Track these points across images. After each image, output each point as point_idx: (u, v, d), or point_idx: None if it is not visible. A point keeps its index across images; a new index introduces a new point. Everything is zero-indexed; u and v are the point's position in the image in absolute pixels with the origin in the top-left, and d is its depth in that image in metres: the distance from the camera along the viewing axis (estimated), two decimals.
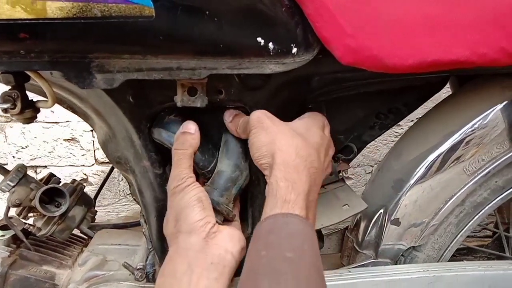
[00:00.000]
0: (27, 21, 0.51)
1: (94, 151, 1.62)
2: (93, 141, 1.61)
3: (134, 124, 0.66)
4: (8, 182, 0.70)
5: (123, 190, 1.65)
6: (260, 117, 0.62)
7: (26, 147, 1.59)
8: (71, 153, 1.62)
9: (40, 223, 0.72)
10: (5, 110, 0.60)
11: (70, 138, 1.59)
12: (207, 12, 0.53)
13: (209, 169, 0.67)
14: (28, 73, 0.59)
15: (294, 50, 0.57)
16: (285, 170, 0.56)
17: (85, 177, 1.62)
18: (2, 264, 0.73)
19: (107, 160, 1.60)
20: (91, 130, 1.59)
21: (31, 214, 0.74)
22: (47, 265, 0.75)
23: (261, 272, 0.50)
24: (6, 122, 1.56)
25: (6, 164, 1.60)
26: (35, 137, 1.58)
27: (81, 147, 1.61)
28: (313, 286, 0.50)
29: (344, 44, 0.56)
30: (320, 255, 0.54)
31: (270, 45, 0.56)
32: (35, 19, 0.51)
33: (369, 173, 1.68)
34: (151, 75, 0.57)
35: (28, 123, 0.64)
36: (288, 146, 0.58)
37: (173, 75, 0.58)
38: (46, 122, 1.56)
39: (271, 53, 0.57)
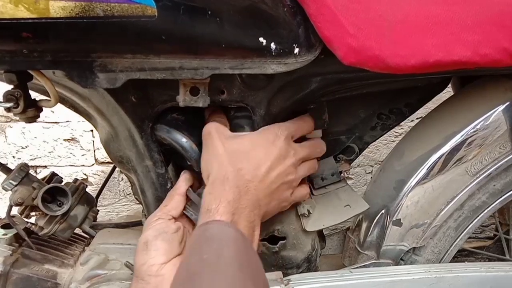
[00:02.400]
0: (30, 21, 0.51)
1: (94, 151, 1.62)
2: (93, 141, 1.61)
3: (137, 124, 0.66)
4: (11, 181, 0.71)
5: (123, 190, 1.65)
6: (209, 131, 0.65)
7: (26, 147, 1.59)
8: (71, 153, 1.62)
9: (42, 222, 0.72)
10: (8, 109, 0.61)
11: (70, 138, 1.59)
12: (209, 12, 0.54)
13: None
14: (31, 72, 0.60)
15: (296, 50, 0.58)
16: (212, 185, 0.60)
17: (85, 177, 1.62)
18: (5, 263, 0.72)
19: (107, 160, 1.61)
20: (91, 130, 1.59)
21: (33, 213, 0.74)
22: (49, 264, 0.75)
23: (179, 278, 0.51)
24: (6, 122, 1.56)
25: (6, 164, 1.59)
26: (35, 137, 1.58)
27: (81, 147, 1.61)
28: (233, 284, 0.48)
29: (346, 44, 0.56)
30: (252, 254, 0.55)
31: (272, 45, 0.56)
32: (38, 18, 0.51)
33: (369, 173, 1.67)
34: (153, 75, 0.57)
35: (30, 122, 0.64)
36: (219, 164, 0.62)
37: (175, 75, 0.58)
38: (46, 122, 1.56)
39: (273, 53, 0.57)
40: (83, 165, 1.63)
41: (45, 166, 1.62)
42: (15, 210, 0.76)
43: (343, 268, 0.84)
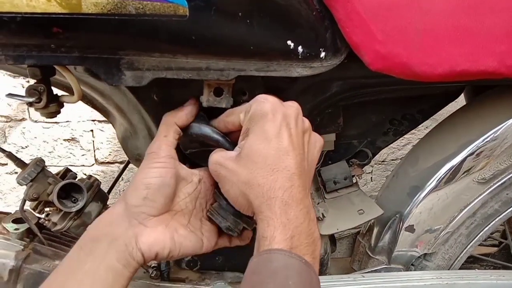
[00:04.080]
0: (61, 16, 0.51)
1: (94, 151, 1.61)
2: (93, 141, 1.60)
3: (157, 123, 0.65)
4: (26, 175, 0.70)
5: (123, 190, 1.64)
6: (216, 168, 0.60)
7: (26, 147, 1.58)
8: (71, 153, 1.61)
9: (56, 218, 0.71)
10: (30, 104, 0.60)
11: (70, 138, 1.59)
12: (240, 14, 0.54)
13: None
14: (56, 67, 0.59)
15: (323, 54, 0.58)
16: (259, 210, 0.55)
17: (85, 177, 1.61)
18: (16, 258, 0.72)
19: (107, 160, 1.60)
20: (91, 130, 1.59)
21: (47, 209, 0.73)
22: (60, 260, 0.74)
23: None
24: (6, 122, 1.55)
25: (7, 164, 1.59)
26: (35, 137, 1.57)
27: (81, 147, 1.60)
28: None
29: (374, 50, 0.56)
30: (315, 284, 0.52)
31: (300, 48, 0.57)
32: (70, 14, 0.51)
33: (369, 173, 1.69)
34: (180, 75, 0.57)
35: (51, 117, 0.64)
36: (249, 187, 0.56)
37: (201, 75, 0.58)
38: (46, 122, 1.55)
39: (300, 57, 0.57)
40: (83, 165, 1.63)
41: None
42: (26, 205, 0.75)
43: (352, 271, 0.84)
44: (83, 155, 1.61)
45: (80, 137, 1.59)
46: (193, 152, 0.66)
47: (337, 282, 0.73)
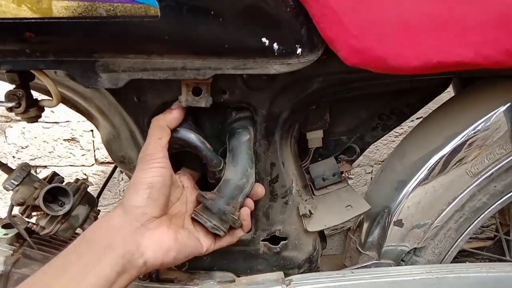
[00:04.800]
0: (33, 20, 0.51)
1: (94, 151, 1.62)
2: (93, 141, 1.61)
3: (138, 124, 0.66)
4: (12, 180, 0.70)
5: (123, 190, 1.65)
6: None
7: (26, 147, 1.59)
8: (71, 153, 1.62)
9: (44, 222, 0.72)
10: (10, 109, 0.61)
11: (70, 138, 1.60)
12: (212, 12, 0.54)
13: (220, 168, 0.67)
14: (33, 72, 0.60)
15: (299, 50, 0.58)
16: None
17: (85, 177, 1.62)
18: (5, 263, 0.72)
19: (107, 160, 1.61)
20: (91, 130, 1.59)
21: (34, 213, 0.74)
22: None
23: None
24: (6, 122, 1.56)
25: (6, 164, 1.59)
26: (35, 137, 1.59)
27: (81, 147, 1.61)
28: None
29: (349, 45, 0.56)
30: None
31: (275, 45, 0.56)
32: (41, 18, 0.51)
33: (369, 173, 1.68)
34: (156, 75, 0.57)
35: (32, 122, 0.64)
36: None
37: (178, 75, 0.58)
38: (46, 122, 1.56)
39: (276, 54, 0.57)
40: (83, 165, 1.63)
41: (45, 166, 1.62)
42: (16, 210, 0.75)
43: (344, 268, 0.84)
44: (83, 155, 1.62)
45: (80, 137, 1.60)
46: (174, 152, 0.66)
47: (326, 279, 0.73)
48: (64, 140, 1.60)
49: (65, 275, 0.53)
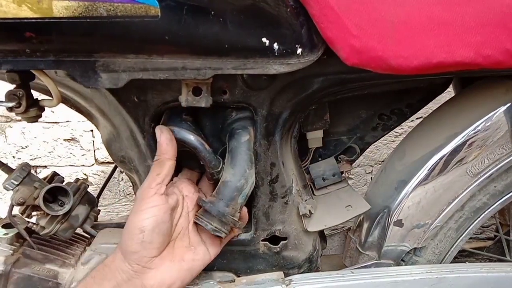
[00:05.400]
0: (33, 20, 0.51)
1: (94, 151, 1.62)
2: (93, 141, 1.61)
3: (138, 124, 0.66)
4: (12, 180, 0.70)
5: (123, 190, 1.65)
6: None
7: (26, 147, 1.59)
8: (71, 153, 1.62)
9: (44, 221, 0.72)
10: (10, 109, 0.61)
11: (70, 138, 1.59)
12: (212, 12, 0.54)
13: (219, 169, 0.67)
14: (34, 72, 0.60)
15: (299, 50, 0.57)
16: None
17: (85, 177, 1.62)
18: (6, 263, 0.72)
19: (107, 160, 1.61)
20: (91, 130, 1.59)
21: (34, 213, 0.74)
22: (50, 263, 0.75)
23: None
24: (6, 122, 1.56)
25: (6, 164, 1.59)
26: (35, 137, 1.58)
27: (81, 147, 1.60)
28: None
29: (349, 45, 0.56)
30: None
31: (275, 45, 0.56)
32: (41, 18, 0.51)
33: (369, 173, 1.68)
34: (156, 75, 0.57)
35: (32, 122, 0.64)
36: None
37: (178, 75, 0.58)
38: (46, 122, 1.56)
39: (276, 54, 0.57)
40: (83, 165, 1.63)
41: (45, 166, 1.62)
42: (15, 210, 0.75)
43: (344, 268, 0.84)
44: (83, 155, 1.62)
45: (80, 137, 1.59)
46: None
47: (326, 278, 0.73)
48: (64, 140, 1.60)
49: None
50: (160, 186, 0.62)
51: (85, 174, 1.63)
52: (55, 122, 1.57)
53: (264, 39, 0.56)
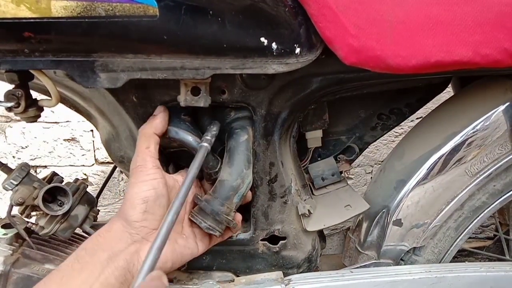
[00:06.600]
0: (32, 20, 0.51)
1: (94, 151, 1.62)
2: (93, 141, 1.61)
3: (138, 124, 0.66)
4: (11, 180, 0.71)
5: (123, 190, 1.65)
6: None
7: (26, 147, 1.59)
8: (71, 153, 1.62)
9: (43, 221, 0.72)
10: (9, 109, 0.61)
11: (70, 138, 1.60)
12: (210, 12, 0.54)
13: (217, 169, 0.67)
14: (32, 72, 0.60)
15: (297, 50, 0.57)
16: None
17: (85, 177, 1.62)
18: (5, 263, 0.72)
19: (107, 160, 1.61)
20: (91, 130, 1.59)
21: (34, 213, 0.74)
22: (49, 263, 0.75)
23: None
24: (6, 122, 1.56)
25: (6, 164, 1.59)
26: (35, 137, 1.59)
27: (81, 147, 1.61)
28: None
29: (347, 44, 0.56)
30: None
31: (274, 45, 0.56)
32: (40, 18, 0.51)
33: (369, 173, 1.68)
34: (155, 75, 0.57)
35: (31, 122, 0.64)
36: None
37: (176, 75, 0.58)
38: (46, 122, 1.56)
39: (274, 53, 0.57)
40: (83, 165, 1.63)
41: (45, 166, 1.62)
42: (15, 210, 0.76)
43: (343, 268, 0.84)
44: (83, 155, 1.62)
45: (80, 137, 1.60)
46: (172, 151, 0.67)
47: (325, 278, 0.73)
48: (64, 140, 1.60)
49: (72, 284, 0.54)
50: (154, 160, 0.62)
51: (85, 174, 1.63)
52: (55, 122, 1.57)
53: (262, 39, 0.56)
